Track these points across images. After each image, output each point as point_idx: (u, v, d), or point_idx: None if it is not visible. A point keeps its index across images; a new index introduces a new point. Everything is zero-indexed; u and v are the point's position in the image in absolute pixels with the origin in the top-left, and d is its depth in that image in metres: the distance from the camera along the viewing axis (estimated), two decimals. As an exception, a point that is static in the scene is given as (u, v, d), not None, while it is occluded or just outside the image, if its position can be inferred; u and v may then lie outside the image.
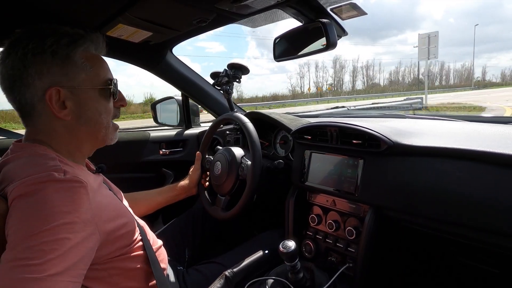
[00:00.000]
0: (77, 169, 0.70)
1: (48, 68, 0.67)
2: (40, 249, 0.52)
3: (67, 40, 0.69)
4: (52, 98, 0.67)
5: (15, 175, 0.60)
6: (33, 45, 0.66)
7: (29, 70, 0.66)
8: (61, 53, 0.68)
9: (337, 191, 1.00)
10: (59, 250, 0.54)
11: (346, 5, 0.96)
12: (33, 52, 0.66)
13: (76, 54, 0.70)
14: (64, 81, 0.68)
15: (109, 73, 0.76)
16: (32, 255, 0.51)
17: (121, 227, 0.71)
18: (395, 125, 1.09)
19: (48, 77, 0.67)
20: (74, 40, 0.70)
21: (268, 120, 1.32)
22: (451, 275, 1.09)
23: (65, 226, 0.56)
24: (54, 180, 0.59)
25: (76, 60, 0.70)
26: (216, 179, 1.21)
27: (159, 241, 0.91)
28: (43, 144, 0.69)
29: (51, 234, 0.54)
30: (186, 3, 0.93)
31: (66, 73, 0.68)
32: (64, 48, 0.68)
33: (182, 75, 1.61)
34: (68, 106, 0.69)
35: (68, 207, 0.58)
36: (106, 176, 0.85)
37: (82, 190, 0.61)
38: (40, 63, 0.66)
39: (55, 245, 0.53)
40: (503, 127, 0.98)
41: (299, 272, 0.84)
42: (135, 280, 0.76)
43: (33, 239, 0.53)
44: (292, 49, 1.14)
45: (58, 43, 0.68)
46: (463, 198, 0.73)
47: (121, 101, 0.80)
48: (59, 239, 0.54)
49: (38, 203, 0.56)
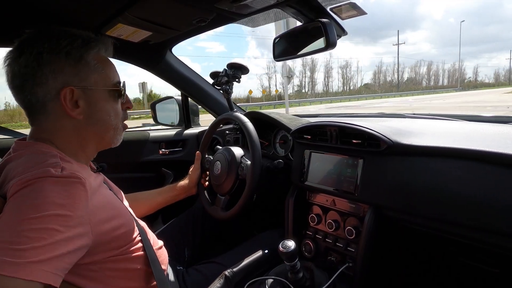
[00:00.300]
0: (78, 167, 0.70)
1: (62, 67, 0.68)
2: (26, 236, 0.52)
3: (81, 42, 0.71)
4: (66, 97, 0.68)
5: (15, 173, 0.60)
6: (49, 45, 0.68)
7: (43, 69, 0.67)
8: (75, 54, 0.70)
9: (336, 190, 1.00)
10: (47, 239, 0.53)
11: (345, 4, 0.96)
12: (48, 51, 0.67)
13: (89, 55, 0.72)
14: (76, 81, 0.70)
15: (117, 75, 0.79)
16: (18, 239, 0.51)
17: (118, 227, 0.70)
18: (395, 125, 1.09)
19: (62, 77, 0.68)
20: (87, 42, 0.72)
21: (267, 120, 1.32)
22: (450, 275, 1.09)
23: (57, 217, 0.55)
24: (50, 175, 0.59)
25: (89, 61, 0.72)
26: (215, 178, 1.21)
27: (160, 241, 0.91)
28: (47, 142, 0.70)
29: (41, 222, 0.53)
30: (186, 3, 0.92)
31: (78, 73, 0.70)
32: (78, 49, 0.70)
33: (181, 75, 1.61)
34: (81, 105, 0.71)
35: (63, 200, 0.57)
36: (106, 175, 0.85)
37: (80, 186, 0.61)
38: (55, 63, 0.68)
39: (43, 234, 0.53)
40: (502, 127, 0.98)
41: (298, 271, 0.84)
42: (135, 280, 0.75)
43: (22, 224, 0.52)
44: (292, 48, 1.14)
45: (72, 45, 0.70)
46: (462, 198, 0.73)
47: (128, 103, 0.82)
48: (48, 228, 0.54)
49: (32, 192, 0.56)
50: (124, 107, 0.81)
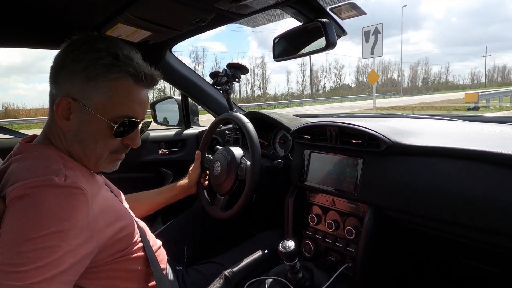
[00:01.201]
0: (80, 172, 0.70)
1: (74, 77, 0.67)
2: (28, 257, 0.52)
3: (106, 63, 0.67)
4: (61, 105, 0.67)
5: (18, 177, 0.60)
6: (76, 52, 0.67)
7: (62, 71, 0.68)
8: (92, 70, 0.66)
9: (336, 190, 0.99)
10: (49, 257, 0.53)
11: (345, 4, 0.96)
12: (72, 58, 0.67)
13: (105, 79, 0.67)
14: (79, 95, 0.68)
15: (131, 110, 0.71)
16: (19, 261, 0.51)
17: (121, 230, 0.71)
18: (395, 125, 1.09)
19: (70, 85, 0.68)
20: (112, 65, 0.67)
21: (267, 120, 1.32)
22: (450, 275, 1.09)
23: (58, 234, 0.56)
24: (53, 185, 0.59)
25: (100, 84, 0.67)
26: (215, 178, 1.21)
27: (159, 241, 0.91)
28: (51, 144, 0.70)
29: (43, 241, 0.54)
30: (186, 3, 0.93)
31: (85, 89, 0.67)
32: (98, 68, 0.67)
33: (181, 75, 1.61)
34: (72, 119, 0.69)
35: (64, 213, 0.57)
36: (105, 175, 0.85)
37: (81, 197, 0.61)
38: (72, 71, 0.67)
39: (45, 252, 0.53)
40: (502, 127, 0.98)
41: (298, 272, 0.84)
42: (135, 281, 0.75)
43: (23, 245, 0.53)
44: (292, 48, 1.14)
45: (96, 62, 0.66)
46: (462, 198, 0.73)
47: (130, 140, 0.74)
48: (49, 246, 0.54)
49: (34, 206, 0.56)
50: (126, 143, 0.74)
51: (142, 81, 0.70)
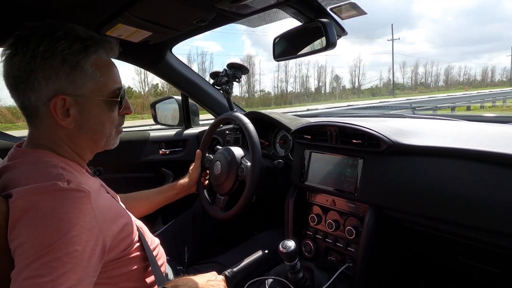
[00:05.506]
0: (79, 173, 0.70)
1: (56, 74, 0.64)
2: (51, 266, 0.53)
3: (79, 47, 0.66)
4: (57, 106, 0.66)
5: (18, 183, 0.60)
6: (43, 48, 0.63)
7: (36, 74, 0.63)
8: (71, 59, 0.65)
9: (336, 190, 0.99)
10: (70, 263, 0.55)
11: (345, 4, 0.96)
12: (42, 56, 0.63)
13: (87, 62, 0.67)
14: (70, 89, 0.66)
15: (118, 81, 0.74)
16: (45, 271, 0.53)
17: (122, 228, 0.71)
18: (395, 125, 1.09)
19: (55, 83, 0.65)
20: (86, 46, 0.67)
21: (268, 120, 1.32)
22: (451, 274, 1.09)
23: (73, 239, 0.56)
24: (58, 189, 0.59)
25: (86, 69, 0.67)
26: (215, 178, 1.21)
27: (156, 239, 0.91)
28: (46, 149, 0.69)
29: (61, 249, 0.55)
30: (186, 3, 0.93)
31: (73, 80, 0.66)
32: (75, 54, 0.65)
33: (181, 75, 1.61)
34: (72, 114, 0.67)
35: (74, 218, 0.58)
36: (105, 176, 0.85)
37: (86, 199, 0.61)
38: (49, 68, 0.64)
39: (65, 258, 0.55)
40: (503, 127, 0.98)
41: (298, 271, 0.84)
42: (134, 280, 0.76)
43: (43, 257, 0.53)
44: (292, 48, 1.14)
45: (70, 49, 0.65)
46: (462, 198, 0.73)
47: (126, 109, 0.77)
48: (68, 252, 0.55)
49: (44, 216, 0.56)
50: (123, 113, 0.77)
51: (113, 51, 0.73)
